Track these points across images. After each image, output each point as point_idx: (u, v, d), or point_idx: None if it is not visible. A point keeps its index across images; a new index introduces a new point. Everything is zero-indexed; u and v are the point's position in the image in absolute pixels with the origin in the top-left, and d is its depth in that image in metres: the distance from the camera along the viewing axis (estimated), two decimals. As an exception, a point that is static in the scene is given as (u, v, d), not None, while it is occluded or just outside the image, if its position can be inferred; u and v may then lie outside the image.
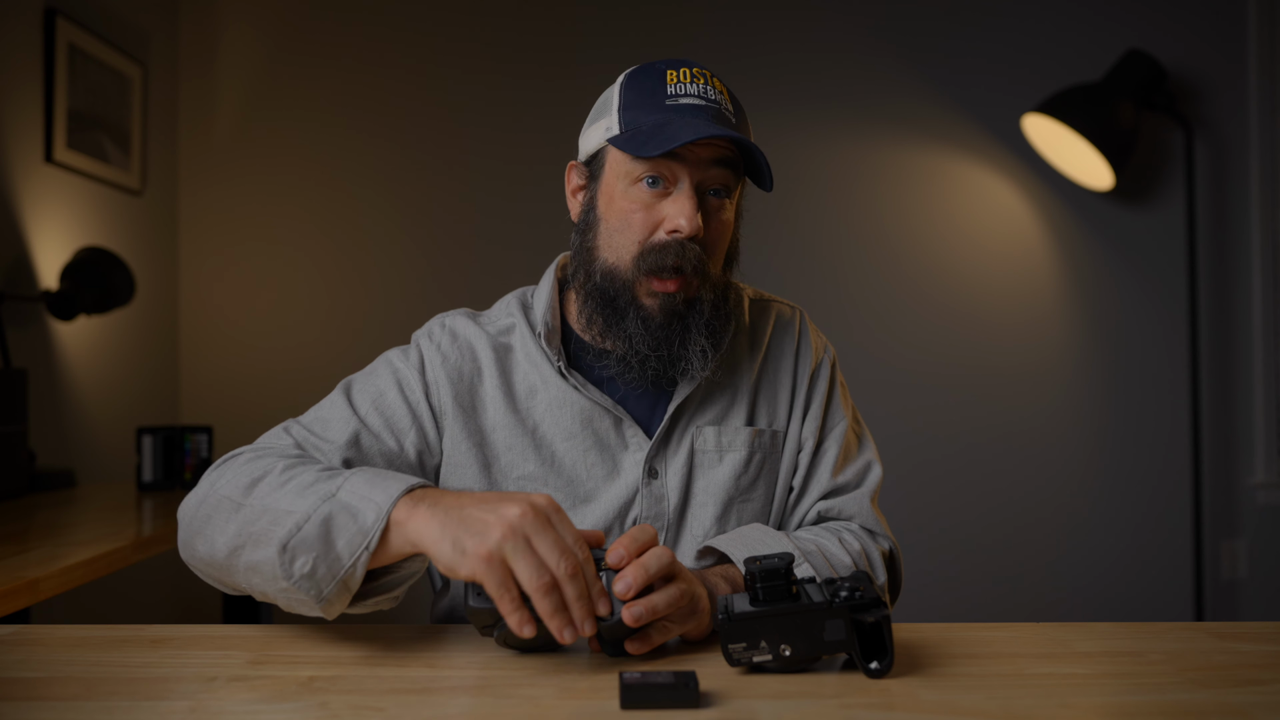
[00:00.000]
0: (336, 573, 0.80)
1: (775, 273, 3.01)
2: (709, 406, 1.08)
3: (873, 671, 0.75)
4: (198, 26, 3.02)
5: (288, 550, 0.80)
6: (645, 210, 1.00)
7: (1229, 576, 3.00)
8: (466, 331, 1.09)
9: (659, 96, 1.00)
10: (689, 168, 0.99)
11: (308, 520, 0.81)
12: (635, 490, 1.05)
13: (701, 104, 1.00)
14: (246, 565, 0.84)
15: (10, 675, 0.78)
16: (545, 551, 0.74)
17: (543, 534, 0.75)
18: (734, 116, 1.02)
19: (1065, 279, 3.05)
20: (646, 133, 0.98)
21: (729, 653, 0.75)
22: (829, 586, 0.77)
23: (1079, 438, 3.03)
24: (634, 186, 1.00)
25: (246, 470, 0.90)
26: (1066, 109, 2.79)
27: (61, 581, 1.33)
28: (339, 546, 0.80)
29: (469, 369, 1.07)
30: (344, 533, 0.80)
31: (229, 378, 3.00)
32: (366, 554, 0.79)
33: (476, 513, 0.76)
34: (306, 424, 1.02)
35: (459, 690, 0.74)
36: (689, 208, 0.98)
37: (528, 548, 0.74)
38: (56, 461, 2.34)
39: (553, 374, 1.06)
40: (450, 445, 1.05)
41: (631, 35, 3.02)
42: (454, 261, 3.01)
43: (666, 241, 0.99)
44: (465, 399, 1.06)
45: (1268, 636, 0.87)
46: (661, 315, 1.00)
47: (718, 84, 1.03)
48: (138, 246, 2.77)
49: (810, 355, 1.14)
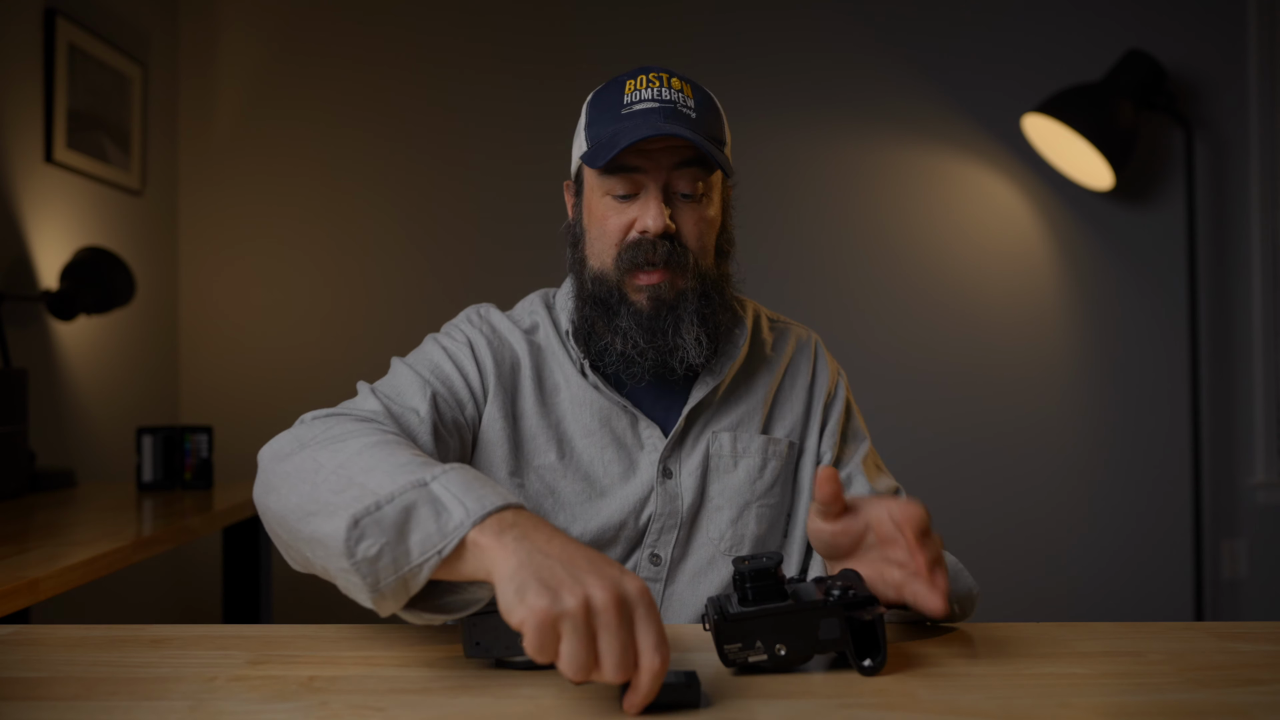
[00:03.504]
0: (401, 568, 0.72)
1: (775, 273, 3.01)
2: (726, 413, 1.11)
3: (867, 669, 0.75)
4: (198, 26, 3.02)
5: (358, 527, 0.73)
6: (618, 215, 1.05)
7: (1229, 576, 3.00)
8: (501, 325, 1.13)
9: (616, 107, 1.04)
10: (651, 174, 1.03)
11: (390, 502, 0.73)
12: (650, 489, 1.07)
13: (655, 106, 1.02)
14: (311, 535, 0.78)
15: (10, 675, 0.78)
16: (605, 651, 0.65)
17: (613, 635, 0.65)
18: (694, 111, 1.04)
19: (1065, 279, 3.04)
20: (602, 144, 1.03)
21: (724, 653, 0.75)
22: (819, 585, 0.77)
23: (1078, 437, 3.03)
24: (606, 197, 1.05)
25: (339, 433, 0.85)
26: (1066, 109, 2.79)
27: (61, 581, 1.33)
28: (411, 540, 0.72)
29: (509, 354, 1.10)
30: (421, 528, 0.72)
31: (229, 378, 3.00)
32: (437, 559, 0.71)
33: (560, 570, 0.67)
34: (385, 393, 1.00)
35: (459, 690, 0.74)
36: (654, 208, 1.02)
37: (588, 637, 0.65)
38: (56, 461, 2.34)
39: (574, 372, 1.10)
40: (488, 421, 1.07)
41: (632, 36, 3.02)
42: (454, 261, 3.01)
43: (639, 239, 1.03)
44: (507, 380, 1.09)
45: (1268, 636, 0.87)
46: (651, 307, 1.04)
47: (677, 83, 1.05)
48: (138, 246, 2.77)
49: (827, 377, 1.17)
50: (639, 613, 0.66)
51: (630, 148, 1.01)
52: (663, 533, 1.07)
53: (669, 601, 1.07)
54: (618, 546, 1.07)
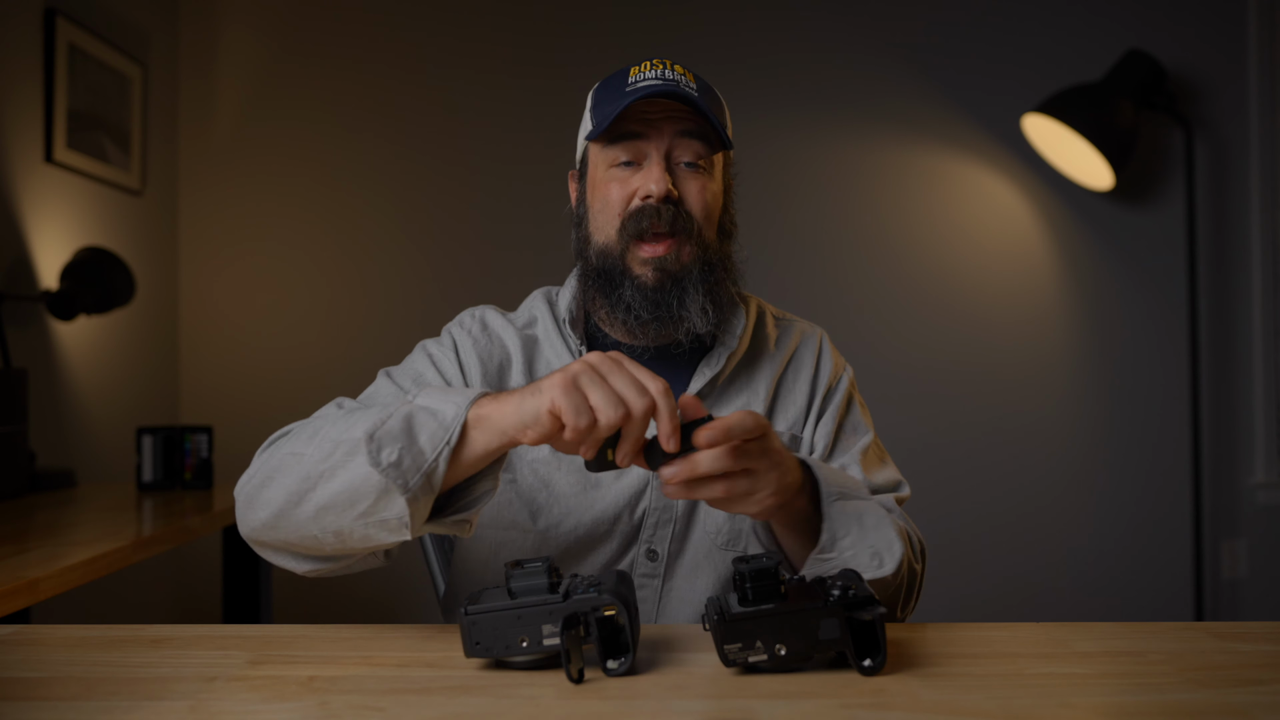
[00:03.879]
0: (421, 465, 0.80)
1: (775, 273, 3.02)
2: (725, 405, 1.10)
3: (867, 669, 0.75)
4: (198, 26, 3.03)
5: (374, 439, 0.81)
6: (620, 185, 1.05)
7: (1229, 576, 3.00)
8: (495, 323, 1.14)
9: (620, 88, 1.05)
10: (654, 141, 1.04)
11: (390, 418, 0.82)
12: (645, 482, 1.06)
13: (659, 83, 1.03)
14: (317, 506, 0.84)
15: (10, 675, 0.78)
16: (622, 386, 0.78)
17: (617, 373, 0.79)
18: (697, 92, 1.05)
19: (1065, 279, 3.05)
20: (607, 116, 1.04)
21: (724, 653, 0.75)
22: (819, 585, 0.77)
23: (1078, 437, 3.03)
24: (610, 169, 1.06)
25: (305, 429, 0.90)
26: (1066, 109, 2.79)
27: (61, 581, 1.33)
28: (421, 440, 0.81)
29: (499, 354, 1.11)
30: (425, 428, 0.81)
31: (229, 378, 3.00)
32: (448, 449, 0.80)
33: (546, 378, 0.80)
34: (357, 401, 1.03)
35: (459, 690, 0.74)
36: (656, 172, 1.03)
37: (603, 381, 0.78)
38: (56, 461, 2.34)
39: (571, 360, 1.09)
40: None
41: (632, 36, 3.02)
42: (453, 261, 3.01)
43: (642, 206, 1.04)
44: (494, 380, 1.10)
45: (1268, 636, 0.87)
46: (655, 279, 1.04)
47: (679, 69, 1.07)
48: (138, 246, 2.77)
49: (830, 370, 1.16)
50: (625, 362, 0.80)
51: (633, 116, 1.03)
52: (658, 527, 1.06)
53: (667, 597, 1.06)
54: (613, 541, 1.06)
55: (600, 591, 0.76)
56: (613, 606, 0.76)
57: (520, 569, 0.78)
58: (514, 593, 0.77)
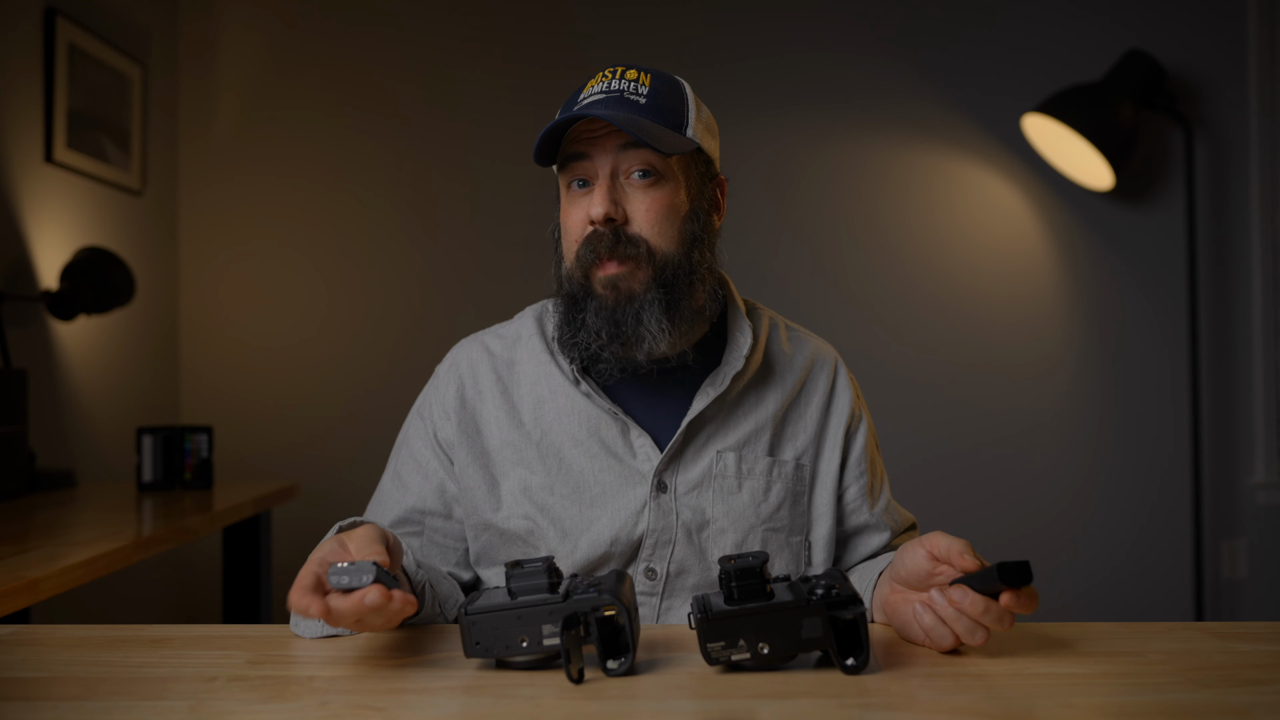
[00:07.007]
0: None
1: (775, 273, 3.02)
2: (732, 429, 1.07)
3: (849, 668, 0.75)
4: (198, 26, 3.02)
5: None
6: (577, 209, 1.04)
7: (1229, 576, 3.00)
8: (471, 356, 1.13)
9: (570, 106, 1.04)
10: (598, 159, 1.02)
11: None
12: (644, 502, 1.04)
13: (600, 97, 1.02)
14: None
15: (10, 675, 0.78)
16: None
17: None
18: (644, 98, 1.02)
19: (1065, 279, 3.05)
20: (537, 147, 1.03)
21: (707, 651, 0.75)
22: (804, 584, 0.77)
23: (1079, 438, 3.03)
24: (568, 193, 1.05)
25: None
26: (1066, 109, 2.79)
27: (61, 581, 1.33)
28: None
29: (470, 394, 1.11)
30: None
31: (229, 378, 3.00)
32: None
33: None
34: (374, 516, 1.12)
35: (459, 690, 0.74)
36: (596, 196, 1.01)
37: None
38: (56, 461, 2.34)
39: (562, 382, 1.07)
40: (460, 470, 1.09)
41: (633, 37, 3.02)
42: (454, 261, 3.01)
43: (590, 232, 1.02)
44: (469, 425, 1.09)
45: (1268, 636, 0.87)
46: (612, 298, 1.02)
47: (633, 74, 1.04)
48: (138, 246, 2.77)
49: (848, 402, 1.13)
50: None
51: (578, 136, 1.02)
52: (657, 548, 1.04)
53: (666, 615, 1.05)
54: (612, 560, 1.04)
55: (600, 592, 0.76)
56: (612, 606, 0.76)
57: (520, 569, 0.78)
58: (514, 593, 0.77)
